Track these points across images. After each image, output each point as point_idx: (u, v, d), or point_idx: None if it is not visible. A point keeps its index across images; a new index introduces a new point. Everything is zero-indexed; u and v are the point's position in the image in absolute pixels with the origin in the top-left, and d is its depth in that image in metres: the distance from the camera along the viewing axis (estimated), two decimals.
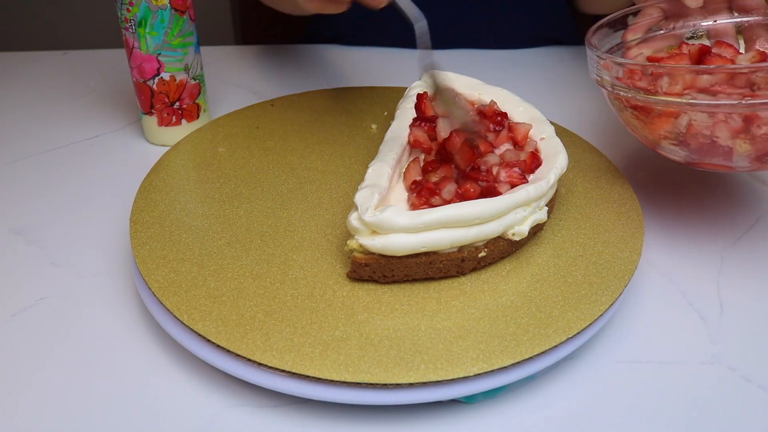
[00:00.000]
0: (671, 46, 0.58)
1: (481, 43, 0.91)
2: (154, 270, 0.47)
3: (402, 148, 0.53)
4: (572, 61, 0.89)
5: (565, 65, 0.88)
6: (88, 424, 0.41)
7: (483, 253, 0.47)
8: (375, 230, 0.45)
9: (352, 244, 0.46)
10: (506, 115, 0.56)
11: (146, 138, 0.70)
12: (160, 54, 0.63)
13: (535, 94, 0.66)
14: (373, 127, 0.66)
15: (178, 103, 0.66)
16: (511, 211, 0.47)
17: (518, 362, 0.41)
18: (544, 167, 0.51)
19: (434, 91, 0.55)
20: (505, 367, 0.41)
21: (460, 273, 0.48)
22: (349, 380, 0.39)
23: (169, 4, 0.61)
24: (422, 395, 0.40)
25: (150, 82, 0.64)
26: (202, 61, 0.67)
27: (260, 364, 0.41)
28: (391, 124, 0.57)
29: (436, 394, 0.40)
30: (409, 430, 0.41)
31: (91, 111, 0.76)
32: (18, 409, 0.42)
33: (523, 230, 0.48)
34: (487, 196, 0.47)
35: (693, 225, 0.58)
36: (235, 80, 0.82)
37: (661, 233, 0.57)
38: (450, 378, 0.40)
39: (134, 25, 0.61)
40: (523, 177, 0.49)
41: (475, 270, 0.48)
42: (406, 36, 0.91)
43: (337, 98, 0.71)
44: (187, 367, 0.45)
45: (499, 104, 0.57)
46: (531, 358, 0.41)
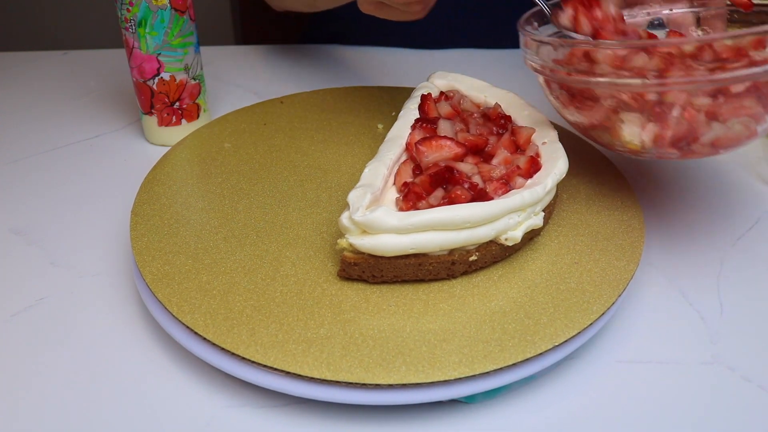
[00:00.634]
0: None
1: (493, 42, 0.91)
2: (150, 262, 0.47)
3: (401, 149, 0.53)
4: None
5: None
6: (88, 424, 0.41)
7: (474, 257, 0.47)
8: (365, 230, 0.45)
9: (343, 243, 0.46)
10: (510, 118, 0.56)
11: (146, 138, 0.70)
12: (160, 54, 0.63)
13: (543, 96, 0.66)
14: (380, 126, 0.66)
15: (178, 103, 0.66)
16: (503, 216, 0.46)
17: (501, 368, 0.40)
18: (542, 172, 0.50)
19: None
20: (493, 371, 0.40)
21: (451, 276, 0.47)
22: (330, 378, 0.39)
23: (169, 4, 0.61)
24: (403, 397, 0.40)
25: (150, 82, 0.64)
26: (202, 61, 0.67)
27: (243, 359, 0.41)
28: (394, 124, 0.57)
29: (417, 396, 0.40)
30: (409, 430, 0.41)
31: (91, 111, 0.75)
32: (18, 409, 0.42)
33: (516, 236, 0.47)
34: (479, 200, 0.46)
35: (693, 225, 0.58)
36: (235, 80, 0.82)
37: (661, 233, 0.57)
38: (430, 381, 0.39)
39: (134, 25, 0.61)
40: (506, 185, 0.48)
41: (466, 273, 0.48)
42: (406, 36, 0.92)
43: (346, 97, 0.71)
44: (187, 367, 0.45)
45: (504, 107, 0.57)
46: (515, 364, 0.41)
